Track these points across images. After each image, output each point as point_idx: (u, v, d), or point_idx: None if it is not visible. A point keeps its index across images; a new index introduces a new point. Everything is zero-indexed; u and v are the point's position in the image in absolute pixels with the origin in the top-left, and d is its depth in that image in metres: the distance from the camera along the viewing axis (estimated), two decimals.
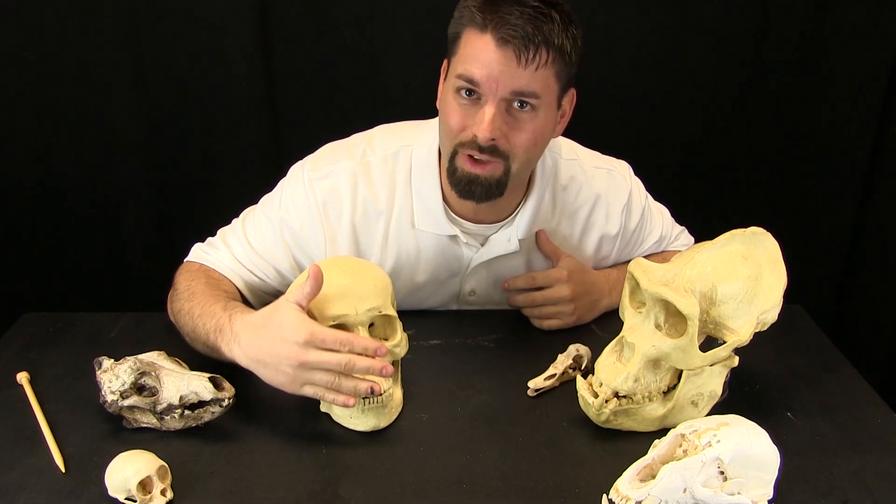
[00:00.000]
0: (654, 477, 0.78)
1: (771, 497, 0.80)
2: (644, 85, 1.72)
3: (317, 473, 0.89)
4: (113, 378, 0.94)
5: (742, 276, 0.92)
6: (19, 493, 0.86)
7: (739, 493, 0.78)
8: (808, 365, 1.13)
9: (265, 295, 1.18)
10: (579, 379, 0.98)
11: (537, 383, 1.05)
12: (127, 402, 0.93)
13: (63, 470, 0.89)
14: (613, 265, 1.37)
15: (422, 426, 0.98)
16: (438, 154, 1.15)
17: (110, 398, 0.93)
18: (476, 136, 1.03)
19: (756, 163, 1.80)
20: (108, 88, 1.65)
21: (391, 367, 0.91)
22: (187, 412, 0.94)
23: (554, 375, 1.06)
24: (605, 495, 0.80)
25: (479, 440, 0.95)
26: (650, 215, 1.35)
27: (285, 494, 0.86)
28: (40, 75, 1.63)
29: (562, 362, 1.08)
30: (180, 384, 0.93)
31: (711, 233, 0.98)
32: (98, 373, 0.96)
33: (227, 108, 1.68)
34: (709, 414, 0.98)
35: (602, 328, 1.23)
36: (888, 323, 1.89)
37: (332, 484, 0.88)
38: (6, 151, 1.69)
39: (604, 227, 1.27)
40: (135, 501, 0.83)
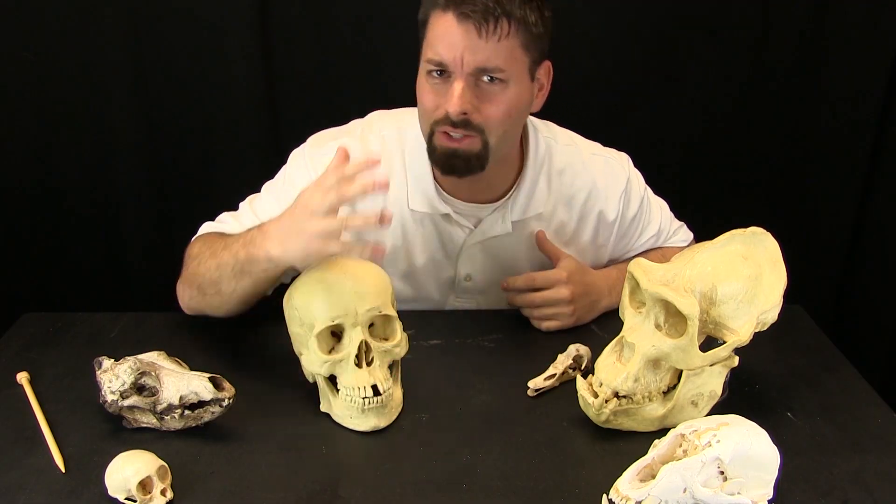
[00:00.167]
0: (654, 477, 0.78)
1: (771, 497, 0.80)
2: (644, 85, 1.72)
3: (317, 473, 0.89)
4: (113, 378, 0.94)
5: (742, 276, 0.92)
6: (19, 493, 0.86)
7: (739, 493, 0.78)
8: (808, 365, 1.13)
9: None
10: (579, 379, 0.98)
11: (537, 383, 1.05)
12: (127, 402, 0.94)
13: (63, 470, 0.89)
14: (612, 264, 1.38)
15: (422, 426, 0.98)
16: None
17: (110, 398, 0.93)
18: (448, 112, 1.05)
19: (756, 163, 1.80)
20: (108, 88, 1.65)
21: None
22: (187, 412, 0.94)
23: (554, 375, 1.06)
24: (605, 495, 0.80)
25: (479, 440, 0.95)
26: (649, 206, 1.36)
27: (285, 494, 0.86)
28: (40, 75, 1.63)
29: (562, 362, 1.08)
30: (180, 384, 0.93)
31: (711, 233, 0.98)
32: (98, 373, 0.96)
33: (227, 108, 1.68)
34: (709, 414, 0.97)
35: (602, 328, 1.23)
36: (888, 323, 1.89)
37: (332, 484, 0.88)
38: (6, 151, 1.69)
39: (601, 214, 1.29)
40: (135, 501, 0.83)
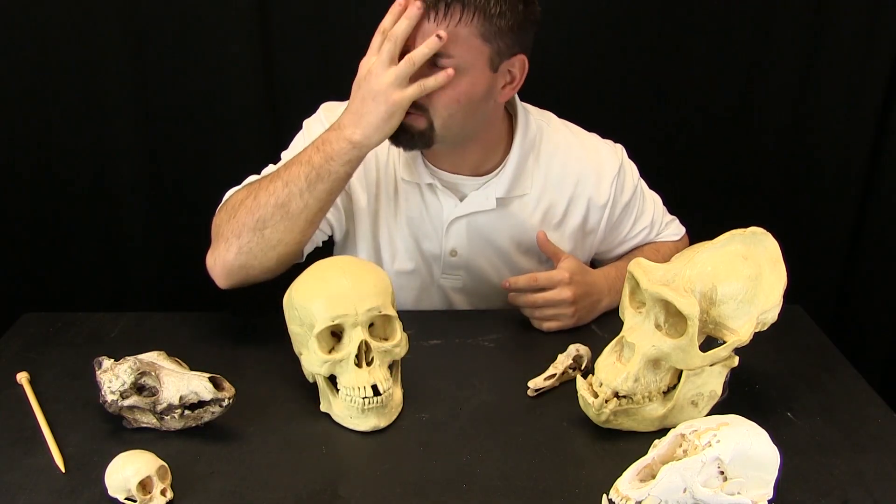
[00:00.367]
0: (654, 477, 0.78)
1: (771, 497, 0.80)
2: (644, 84, 1.72)
3: (317, 473, 0.89)
4: (113, 378, 0.94)
5: (742, 276, 0.92)
6: (19, 493, 0.86)
7: (739, 493, 0.78)
8: (808, 365, 1.13)
9: None
10: (579, 379, 0.98)
11: (537, 383, 1.05)
12: (127, 402, 0.94)
13: (63, 470, 0.89)
14: (606, 258, 1.40)
15: (422, 426, 0.98)
16: None
17: (110, 398, 0.93)
18: None
19: (756, 163, 1.80)
20: (108, 89, 1.65)
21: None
22: (187, 412, 0.94)
23: (554, 375, 1.06)
24: (605, 495, 0.80)
25: (479, 440, 0.95)
26: (643, 197, 1.37)
27: (285, 494, 0.86)
28: (40, 75, 1.63)
29: (562, 362, 1.08)
30: (180, 384, 0.93)
31: (711, 233, 0.98)
32: (98, 373, 0.96)
33: (227, 109, 1.68)
34: (709, 414, 0.97)
35: (602, 328, 1.23)
36: (888, 323, 1.89)
37: (332, 484, 0.88)
38: (6, 151, 1.69)
39: (592, 197, 1.30)
40: (135, 501, 0.83)
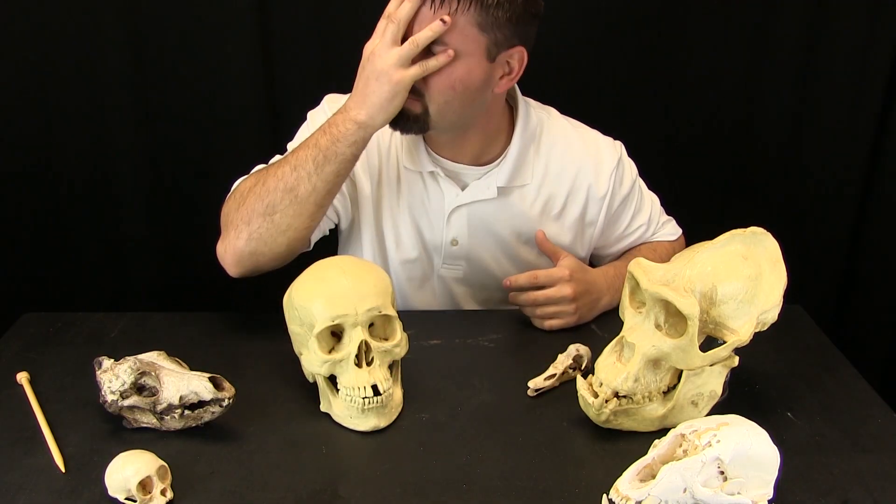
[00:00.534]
0: (654, 477, 0.78)
1: (771, 497, 0.80)
2: (644, 84, 1.72)
3: (317, 473, 0.89)
4: (113, 378, 0.94)
5: (742, 276, 0.92)
6: (19, 493, 0.86)
7: (739, 493, 0.78)
8: (808, 365, 1.13)
9: None
10: (579, 379, 0.98)
11: (537, 383, 1.05)
12: (127, 402, 0.94)
13: (63, 470, 0.89)
14: (604, 254, 1.41)
15: (422, 426, 0.98)
16: None
17: (110, 398, 0.93)
18: None
19: (756, 163, 1.80)
20: (108, 89, 1.65)
21: None
22: (187, 412, 0.94)
23: (554, 375, 1.06)
24: (605, 495, 0.80)
25: (479, 440, 0.95)
26: (641, 194, 1.38)
27: (285, 494, 0.86)
28: (40, 75, 1.63)
29: (562, 362, 1.08)
30: (180, 384, 0.93)
31: (711, 233, 0.98)
32: (98, 373, 0.96)
33: (227, 109, 1.68)
34: (709, 414, 0.98)
35: (602, 328, 1.23)
36: (888, 323, 1.89)
37: (332, 484, 0.88)
38: (6, 151, 1.69)
39: (591, 189, 1.31)
40: (135, 501, 0.83)
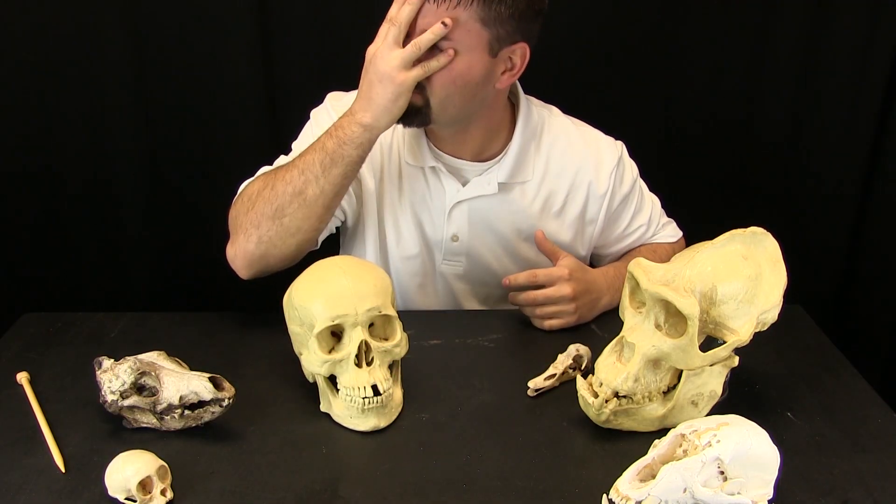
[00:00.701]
0: (654, 477, 0.78)
1: (771, 497, 0.80)
2: (644, 84, 1.72)
3: (317, 473, 0.89)
4: (113, 378, 0.94)
5: (742, 276, 0.92)
6: (19, 493, 0.86)
7: (739, 493, 0.78)
8: (808, 365, 1.13)
9: None
10: (579, 379, 0.98)
11: (537, 383, 1.05)
12: (127, 402, 0.94)
13: (63, 470, 0.89)
14: (604, 255, 1.41)
15: (422, 426, 0.98)
16: None
17: (110, 398, 0.93)
18: None
19: (756, 163, 1.80)
20: (108, 89, 1.65)
21: None
22: (187, 412, 0.94)
23: (554, 375, 1.06)
24: (605, 495, 0.80)
25: (479, 440, 0.95)
26: (641, 194, 1.39)
27: (285, 494, 0.86)
28: (40, 75, 1.63)
29: (562, 362, 1.08)
30: (180, 384, 0.93)
31: (711, 233, 0.98)
32: (98, 373, 0.96)
33: (227, 108, 1.68)
34: (709, 414, 0.97)
35: (602, 328, 1.23)
36: (888, 323, 1.89)
37: (332, 484, 0.88)
38: (6, 151, 1.69)
39: (591, 186, 1.32)
40: (135, 501, 0.83)
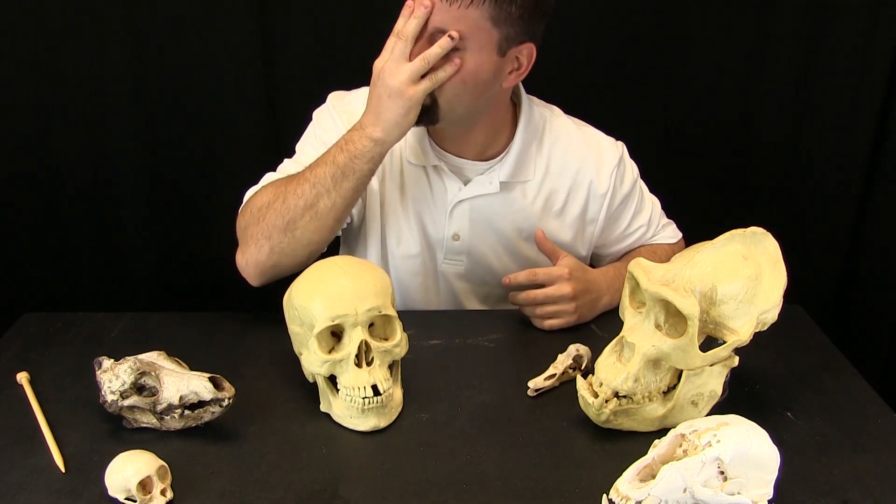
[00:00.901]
0: (654, 477, 0.78)
1: (771, 497, 0.80)
2: (643, 84, 1.72)
3: (317, 473, 0.89)
4: (113, 378, 0.94)
5: (742, 276, 0.92)
6: (19, 493, 0.86)
7: (739, 493, 0.78)
8: (808, 365, 1.13)
9: None
10: (579, 379, 0.98)
11: (537, 383, 1.05)
12: (127, 402, 0.94)
13: (63, 470, 0.89)
14: (605, 255, 1.41)
15: (422, 426, 0.98)
16: None
17: (110, 398, 0.93)
18: None
19: (756, 163, 1.80)
20: (108, 89, 1.65)
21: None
22: (187, 412, 0.94)
23: (554, 375, 1.06)
24: (605, 495, 0.80)
25: (479, 440, 0.95)
26: (642, 195, 1.39)
27: (285, 494, 0.86)
28: (40, 75, 1.63)
29: (562, 362, 1.08)
30: (180, 384, 0.93)
31: (710, 233, 0.98)
32: (98, 373, 0.96)
33: (227, 108, 1.67)
34: (709, 414, 0.98)
35: (602, 328, 1.23)
36: (888, 323, 1.89)
37: (332, 484, 0.88)
38: (6, 152, 1.69)
39: (592, 186, 1.32)
40: (135, 501, 0.83)
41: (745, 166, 1.80)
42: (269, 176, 1.26)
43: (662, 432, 0.90)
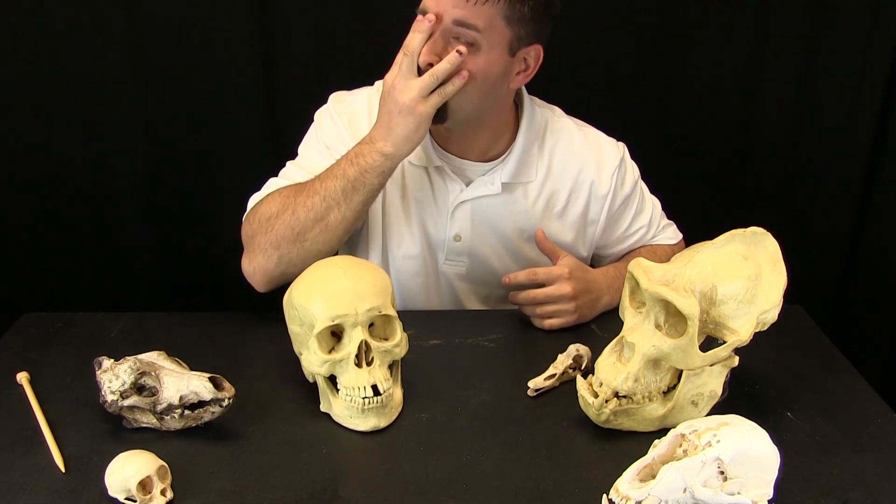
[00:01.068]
0: (654, 477, 0.78)
1: (771, 497, 0.80)
2: (643, 84, 1.72)
3: (317, 473, 0.89)
4: (113, 378, 0.94)
5: (742, 276, 0.92)
6: (19, 493, 0.86)
7: (739, 493, 0.78)
8: (808, 365, 1.13)
9: None
10: (579, 379, 0.98)
11: (537, 383, 1.05)
12: (127, 402, 0.94)
13: (63, 470, 0.89)
14: (605, 256, 1.41)
15: (422, 426, 0.98)
16: None
17: (110, 398, 0.93)
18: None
19: (756, 163, 1.80)
20: (108, 90, 1.65)
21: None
22: (187, 412, 0.94)
23: (554, 375, 1.06)
24: (605, 495, 0.80)
25: (479, 440, 0.95)
26: (642, 196, 1.39)
27: (285, 494, 0.86)
28: (40, 76, 1.63)
29: (562, 362, 1.08)
30: (180, 384, 0.93)
31: (710, 233, 0.98)
32: (98, 373, 0.96)
33: (227, 108, 1.67)
34: (709, 414, 0.98)
35: (602, 328, 1.23)
36: (888, 323, 1.89)
37: (332, 484, 0.88)
38: (6, 152, 1.69)
39: (593, 186, 1.32)
40: (135, 501, 0.83)
41: (745, 166, 1.80)
42: (273, 182, 1.25)
43: (662, 432, 0.90)
